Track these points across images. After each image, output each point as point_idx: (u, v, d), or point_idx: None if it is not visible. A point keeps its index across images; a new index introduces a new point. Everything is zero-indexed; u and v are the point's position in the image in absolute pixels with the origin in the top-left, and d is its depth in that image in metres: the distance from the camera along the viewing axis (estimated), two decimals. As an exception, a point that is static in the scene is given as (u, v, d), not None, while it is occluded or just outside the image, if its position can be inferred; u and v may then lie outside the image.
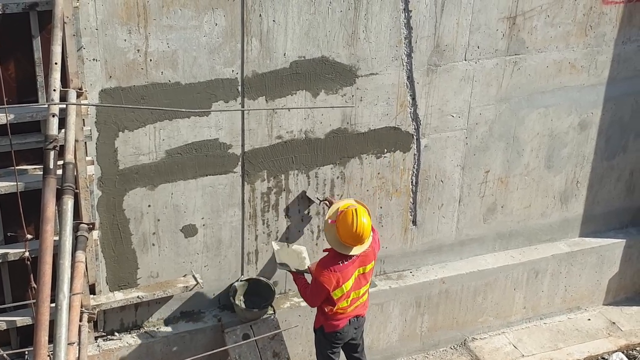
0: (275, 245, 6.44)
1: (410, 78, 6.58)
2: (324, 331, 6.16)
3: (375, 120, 6.60)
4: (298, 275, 6.21)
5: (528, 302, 7.96)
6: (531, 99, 7.16)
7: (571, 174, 7.72)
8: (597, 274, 8.20)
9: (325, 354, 6.28)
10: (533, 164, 7.48)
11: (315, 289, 5.96)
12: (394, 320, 7.31)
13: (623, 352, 7.66)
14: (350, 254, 5.87)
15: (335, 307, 6.03)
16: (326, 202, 6.54)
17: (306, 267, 6.25)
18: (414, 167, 6.97)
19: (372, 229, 6.03)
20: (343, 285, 5.92)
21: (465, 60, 6.73)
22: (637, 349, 7.79)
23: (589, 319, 8.21)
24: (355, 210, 5.81)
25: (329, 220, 5.91)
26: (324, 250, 6.21)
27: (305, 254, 6.46)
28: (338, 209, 5.93)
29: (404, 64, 6.51)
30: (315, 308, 6.19)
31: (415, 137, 6.84)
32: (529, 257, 7.77)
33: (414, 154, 6.91)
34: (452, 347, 7.73)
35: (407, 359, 7.50)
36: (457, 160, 7.11)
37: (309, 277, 6.20)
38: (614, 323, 8.17)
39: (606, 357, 7.58)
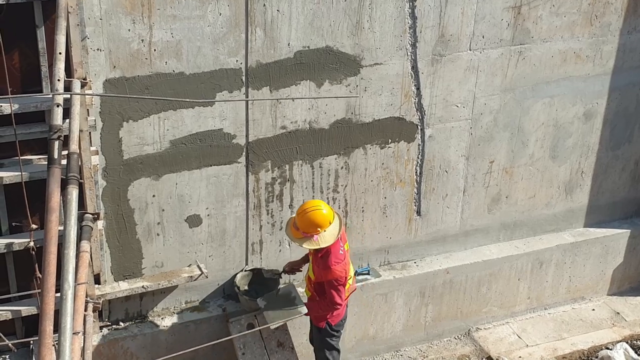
0: (261, 303, 6.24)
1: (414, 68, 6.57)
2: (331, 326, 6.14)
3: (379, 110, 6.59)
4: (304, 310, 6.10)
5: (532, 292, 7.96)
6: (536, 89, 7.14)
7: (576, 164, 7.70)
8: (601, 264, 8.20)
9: (331, 345, 6.26)
10: (538, 154, 7.47)
11: (336, 284, 5.86)
12: (398, 310, 7.32)
13: (627, 342, 7.66)
14: (339, 225, 5.84)
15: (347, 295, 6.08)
16: (285, 271, 6.44)
17: (303, 308, 6.10)
18: (418, 158, 6.96)
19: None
20: (349, 271, 5.99)
21: (470, 50, 6.71)
22: (642, 339, 7.81)
23: (593, 309, 8.21)
24: (300, 210, 5.85)
25: (298, 237, 5.81)
26: (320, 255, 5.91)
27: (294, 292, 6.29)
28: (289, 225, 5.93)
29: (409, 53, 6.49)
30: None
31: (419, 127, 6.83)
32: (533, 248, 7.76)
33: (419, 144, 6.90)
34: (456, 337, 7.74)
35: (411, 349, 7.51)
36: (462, 151, 7.10)
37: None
38: (618, 313, 8.17)
39: (610, 347, 7.58)
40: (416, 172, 7.01)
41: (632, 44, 7.36)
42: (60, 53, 4.74)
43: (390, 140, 6.77)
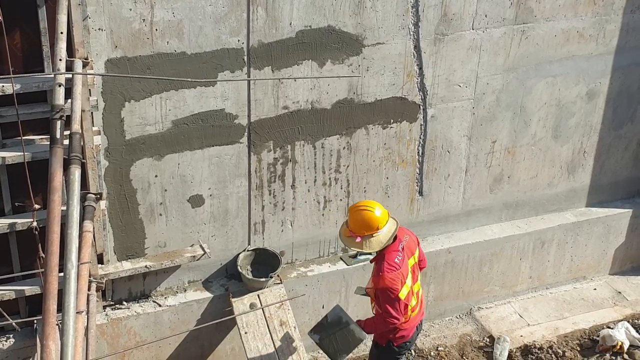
0: (314, 338, 5.81)
1: (417, 47, 6.55)
2: (392, 345, 5.80)
3: (381, 90, 6.58)
4: (364, 335, 5.72)
5: (534, 271, 7.98)
6: (539, 68, 7.12)
7: (578, 143, 7.69)
8: (603, 243, 8.21)
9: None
10: (540, 134, 7.46)
11: (390, 295, 5.47)
12: (400, 289, 7.34)
13: (629, 322, 7.69)
14: (392, 230, 5.54)
15: (407, 313, 5.67)
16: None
17: (361, 333, 5.70)
18: (420, 138, 6.95)
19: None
20: (406, 281, 5.55)
21: (473, 29, 6.68)
22: (643, 318, 7.83)
23: (595, 289, 8.24)
24: (352, 207, 5.67)
25: (346, 235, 5.57)
26: (371, 261, 5.84)
27: (345, 317, 5.78)
28: (342, 231, 5.67)
29: (411, 33, 6.47)
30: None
31: (422, 107, 6.81)
32: (535, 227, 7.78)
33: (421, 124, 6.89)
34: (458, 317, 7.77)
35: (413, 328, 7.54)
36: (464, 131, 7.10)
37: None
38: (619, 293, 8.19)
39: (612, 327, 7.61)
40: (418, 152, 7.00)
41: (636, 23, 7.32)
42: (61, 33, 4.73)
43: (392, 121, 6.76)
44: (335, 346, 5.75)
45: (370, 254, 5.93)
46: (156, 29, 5.60)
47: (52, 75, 4.73)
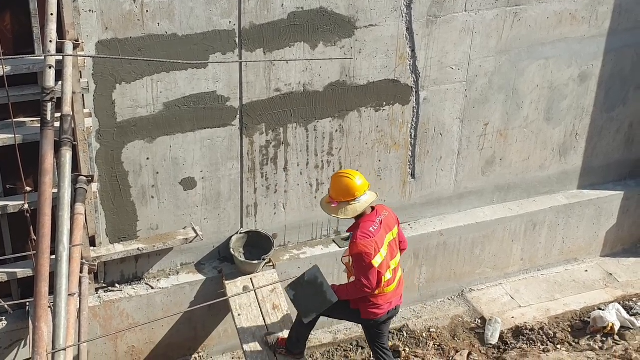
0: (289, 293, 5.89)
1: (409, 29, 6.53)
2: (358, 315, 5.87)
3: (374, 72, 6.57)
4: (334, 298, 5.75)
5: (525, 253, 8.01)
6: (531, 50, 7.11)
7: (570, 126, 7.70)
8: (594, 226, 8.25)
9: (334, 315, 6.08)
10: (532, 117, 7.46)
11: (363, 263, 5.53)
12: (393, 272, 7.37)
13: (619, 303, 7.73)
14: (369, 201, 5.63)
15: (380, 285, 5.68)
16: None
17: (333, 296, 5.74)
18: (413, 120, 6.95)
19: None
20: (381, 250, 5.61)
21: (466, 11, 6.67)
22: (634, 299, 7.87)
23: (586, 271, 8.28)
24: (335, 173, 5.74)
25: (327, 202, 5.69)
26: (347, 231, 5.96)
27: (320, 277, 5.85)
28: (324, 198, 5.77)
29: (404, 15, 6.44)
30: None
31: (414, 89, 6.81)
32: (527, 210, 7.80)
33: (413, 107, 6.88)
34: (450, 298, 7.81)
35: (405, 310, 7.58)
36: (457, 113, 7.10)
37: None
38: (611, 274, 8.23)
39: (603, 308, 7.66)
40: (411, 134, 7.00)
41: (628, 5, 7.31)
42: (52, 14, 4.71)
43: (384, 103, 6.75)
44: (307, 305, 5.84)
45: None
46: (147, 11, 5.57)
47: (43, 57, 4.70)
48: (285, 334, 6.22)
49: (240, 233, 6.71)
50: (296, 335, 6.08)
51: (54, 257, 3.79)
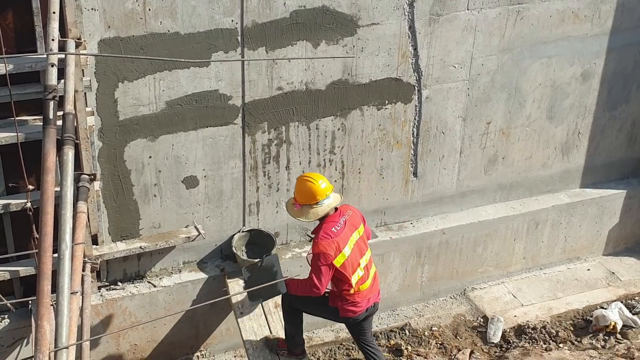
0: (245, 274, 6.09)
1: (412, 28, 6.52)
2: (337, 314, 5.86)
3: (376, 71, 6.56)
4: (283, 289, 5.86)
5: (528, 252, 8.01)
6: (534, 49, 7.10)
7: (573, 124, 7.70)
8: (597, 224, 8.24)
9: (315, 313, 6.10)
10: (535, 115, 7.46)
11: (319, 263, 5.56)
12: (395, 270, 7.37)
13: (622, 302, 7.73)
14: (332, 205, 5.64)
15: (353, 286, 5.70)
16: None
17: (283, 286, 5.84)
18: (415, 119, 6.95)
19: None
20: (343, 250, 5.61)
21: (468, 9, 6.66)
22: (636, 298, 7.86)
23: (589, 269, 8.27)
24: (300, 175, 5.79)
25: (291, 204, 5.74)
26: (311, 233, 5.96)
27: (277, 266, 6.07)
28: (289, 200, 5.81)
29: (406, 13, 6.44)
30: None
31: (416, 88, 6.80)
32: (529, 208, 7.79)
33: (415, 106, 6.88)
34: (452, 297, 7.80)
35: (407, 308, 7.58)
36: (459, 112, 7.09)
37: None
38: (613, 273, 8.23)
39: (605, 307, 7.65)
40: (413, 133, 7.00)
41: (630, 4, 7.30)
42: (54, 12, 4.71)
43: (387, 102, 6.75)
44: (257, 291, 5.87)
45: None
46: (149, 9, 5.56)
47: (45, 56, 4.70)
48: (282, 335, 6.23)
49: (243, 231, 6.71)
50: (289, 333, 6.09)
51: (56, 255, 3.79)
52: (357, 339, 6.18)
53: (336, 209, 5.76)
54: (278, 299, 6.51)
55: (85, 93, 5.39)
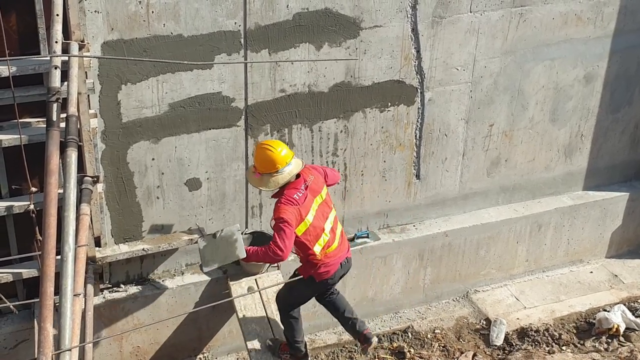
0: (200, 243, 6.02)
1: (414, 30, 6.53)
2: (314, 281, 5.87)
3: (379, 73, 6.56)
4: (243, 254, 5.76)
5: (531, 255, 8.00)
6: (537, 51, 7.10)
7: (576, 127, 7.69)
8: (600, 227, 8.23)
9: (302, 298, 6.09)
10: (538, 118, 7.45)
11: (282, 226, 5.50)
12: (397, 272, 7.37)
13: (625, 304, 7.72)
14: (293, 172, 5.60)
15: (318, 253, 5.72)
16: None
17: (242, 253, 5.75)
18: (417, 121, 6.95)
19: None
20: (306, 218, 5.61)
21: (471, 12, 6.66)
22: (639, 301, 7.85)
23: (592, 272, 8.26)
24: (259, 143, 5.73)
25: (252, 172, 5.70)
26: (271, 197, 5.88)
27: (236, 235, 5.89)
28: (249, 168, 5.78)
29: (409, 15, 6.44)
30: (298, 257, 5.93)
31: (419, 90, 6.80)
32: (532, 211, 7.79)
33: (418, 108, 6.88)
34: (455, 299, 7.80)
35: (410, 311, 7.58)
36: (462, 114, 7.09)
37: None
38: (616, 276, 8.22)
39: (608, 309, 7.64)
40: (416, 135, 7.00)
41: (633, 6, 7.30)
42: (57, 15, 4.72)
43: (389, 104, 6.75)
44: (211, 255, 5.89)
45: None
46: (152, 11, 5.57)
47: (48, 58, 4.71)
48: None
49: (245, 234, 6.70)
50: (290, 337, 6.10)
51: (59, 257, 3.79)
52: (323, 298, 6.16)
53: (298, 175, 5.71)
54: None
55: (88, 95, 5.39)
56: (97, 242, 6.07)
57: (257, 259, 5.78)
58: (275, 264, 6.72)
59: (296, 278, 5.81)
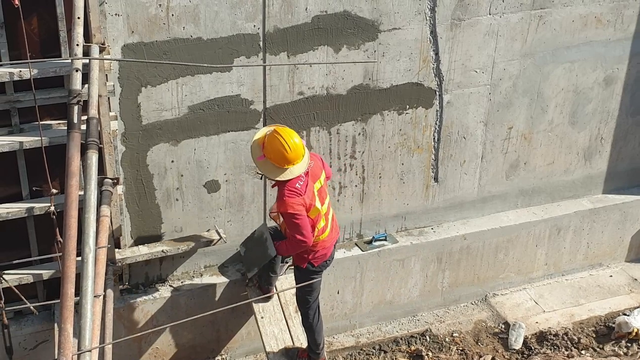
0: (241, 250, 6.30)
1: (433, 33, 6.52)
2: (312, 266, 5.88)
3: (397, 76, 6.56)
4: (273, 252, 5.91)
5: (550, 258, 7.96)
6: (556, 54, 7.07)
7: (595, 130, 7.64)
8: (619, 230, 8.17)
9: (313, 287, 6.07)
10: (557, 120, 7.41)
11: (294, 220, 5.52)
12: (415, 275, 7.35)
13: (644, 309, 7.67)
14: (300, 173, 5.54)
15: (316, 235, 5.73)
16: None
17: (273, 251, 5.90)
18: (436, 124, 6.93)
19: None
20: (315, 204, 5.62)
21: (490, 14, 6.64)
22: (659, 305, 7.80)
23: (611, 276, 8.21)
24: (275, 130, 5.52)
25: (257, 158, 5.56)
26: (272, 187, 5.86)
27: (266, 234, 6.04)
28: (257, 142, 5.59)
29: (427, 18, 6.43)
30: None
31: (437, 93, 6.79)
32: (551, 214, 7.75)
33: (437, 110, 6.87)
34: (473, 303, 7.77)
35: (428, 314, 7.56)
36: (480, 117, 7.07)
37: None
38: (635, 279, 8.16)
39: (628, 313, 7.58)
40: (434, 138, 6.98)
41: (655, 8, 7.25)
42: (78, 18, 4.75)
43: (408, 106, 6.74)
44: (251, 260, 6.02)
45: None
46: (172, 14, 5.60)
47: (69, 61, 4.75)
48: (303, 343, 6.23)
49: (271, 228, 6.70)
50: (310, 337, 6.14)
51: (79, 258, 3.82)
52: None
53: None
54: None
55: (108, 98, 5.43)
56: (117, 244, 6.10)
57: (287, 253, 5.87)
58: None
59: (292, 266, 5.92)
